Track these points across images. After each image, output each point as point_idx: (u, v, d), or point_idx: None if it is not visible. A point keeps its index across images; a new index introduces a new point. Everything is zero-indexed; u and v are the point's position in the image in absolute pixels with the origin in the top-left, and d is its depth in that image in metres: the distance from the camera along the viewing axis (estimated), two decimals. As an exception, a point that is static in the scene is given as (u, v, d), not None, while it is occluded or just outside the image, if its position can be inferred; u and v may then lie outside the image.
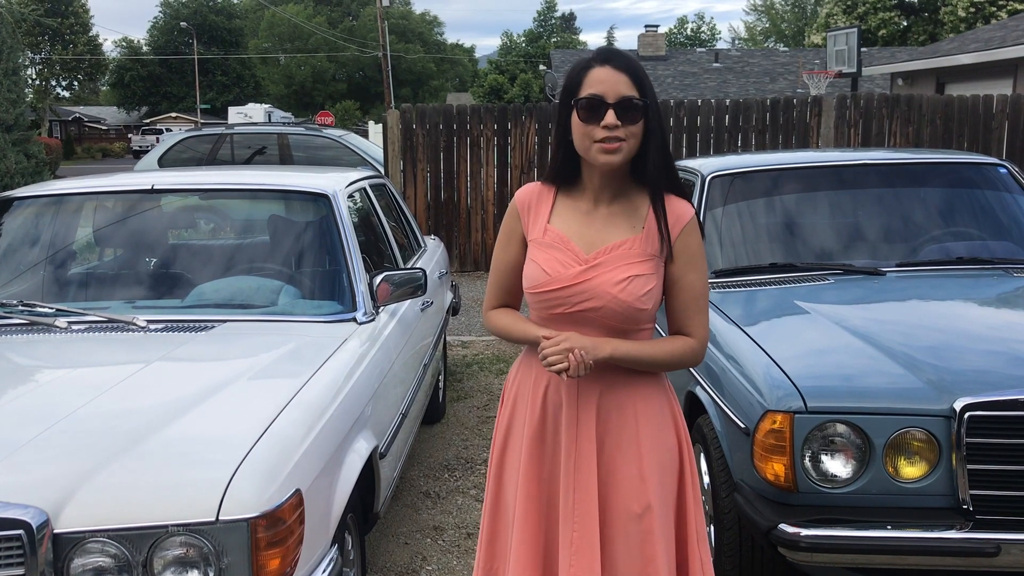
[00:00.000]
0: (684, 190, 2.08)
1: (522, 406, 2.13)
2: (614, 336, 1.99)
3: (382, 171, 9.86)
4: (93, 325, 3.06)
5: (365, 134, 20.54)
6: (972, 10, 30.35)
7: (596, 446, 2.02)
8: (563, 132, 2.02)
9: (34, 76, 48.56)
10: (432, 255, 5.13)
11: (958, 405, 2.51)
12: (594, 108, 1.92)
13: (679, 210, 2.03)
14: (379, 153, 10.87)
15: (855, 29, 19.47)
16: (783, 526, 2.56)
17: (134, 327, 3.02)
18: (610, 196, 2.03)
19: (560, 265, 2.00)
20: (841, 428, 2.57)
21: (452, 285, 5.71)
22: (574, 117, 1.96)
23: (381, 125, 10.77)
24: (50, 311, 3.13)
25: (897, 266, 3.68)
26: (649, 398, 2.05)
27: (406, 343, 3.62)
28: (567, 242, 2.02)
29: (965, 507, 2.52)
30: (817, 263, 3.73)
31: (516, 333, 2.11)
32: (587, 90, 1.94)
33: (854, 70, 18.87)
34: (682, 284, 2.02)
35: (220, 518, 1.96)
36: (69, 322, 3.05)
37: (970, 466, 2.51)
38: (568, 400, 2.04)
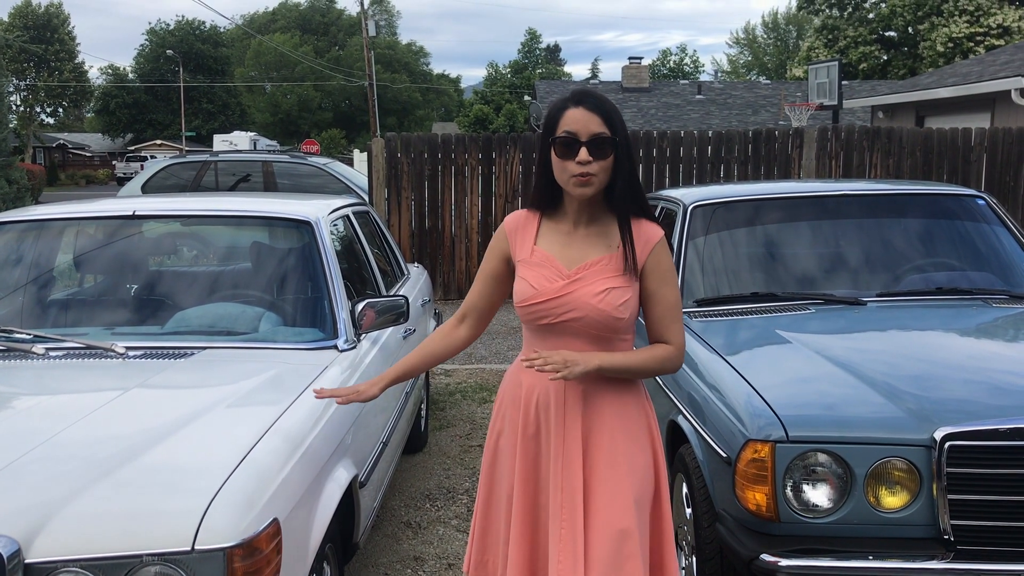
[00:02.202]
0: (652, 213, 2.28)
1: (513, 410, 2.30)
2: (597, 346, 2.19)
3: (367, 199, 9.86)
4: (71, 351, 3.03)
5: (350, 162, 20.54)
6: (951, 45, 30.81)
7: (582, 448, 2.19)
8: (544, 165, 2.22)
9: (18, 102, 48.48)
10: (415, 283, 5.12)
11: (939, 435, 2.52)
12: (569, 145, 2.14)
13: (648, 232, 2.23)
14: (364, 181, 10.89)
15: (836, 62, 19.72)
16: (764, 556, 2.55)
17: (112, 354, 2.99)
18: (587, 220, 2.25)
19: (545, 280, 2.21)
20: (823, 457, 2.57)
21: (435, 313, 5.70)
22: (552, 153, 2.18)
23: (366, 153, 10.79)
24: (27, 337, 3.10)
25: (878, 296, 3.70)
26: (627, 411, 2.23)
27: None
28: (552, 260, 2.23)
29: (946, 537, 2.52)
30: (798, 293, 3.74)
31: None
32: (563, 128, 2.15)
33: (835, 103, 19.09)
34: (657, 298, 2.23)
35: (196, 547, 1.93)
36: (47, 348, 3.02)
37: (951, 496, 2.51)
38: (556, 406, 2.21)
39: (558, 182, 2.19)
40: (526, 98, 47.04)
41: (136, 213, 3.68)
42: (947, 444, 2.50)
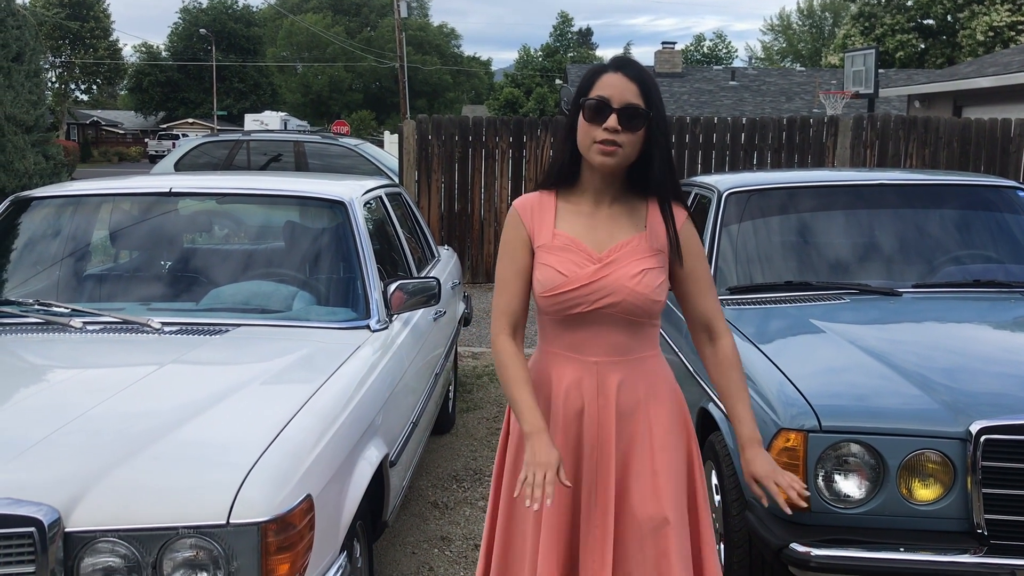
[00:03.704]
0: (684, 198, 2.19)
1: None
2: (630, 332, 2.08)
3: (397, 181, 9.88)
4: (108, 326, 3.07)
5: (381, 144, 20.59)
6: (991, 34, 30.30)
7: (615, 445, 2.09)
8: (571, 130, 2.08)
9: (54, 79, 48.97)
10: (446, 265, 5.13)
11: (974, 428, 2.49)
12: (599, 110, 2.00)
13: (680, 215, 2.14)
14: (394, 163, 10.90)
15: (873, 50, 19.45)
16: (794, 545, 2.54)
17: (148, 329, 3.03)
18: (611, 198, 2.11)
19: (575, 265, 2.06)
20: (855, 448, 2.55)
21: (464, 296, 5.71)
22: (580, 115, 2.04)
23: (397, 135, 10.80)
24: (65, 311, 3.14)
25: (914, 287, 3.66)
26: (661, 401, 2.13)
27: (418, 352, 3.61)
28: (578, 243, 2.08)
29: (980, 531, 2.50)
30: (833, 282, 3.71)
31: (511, 391, 2.05)
32: (596, 92, 2.02)
33: (871, 91, 18.84)
34: (695, 275, 2.15)
35: (231, 521, 1.96)
36: (84, 322, 3.06)
37: (985, 490, 2.48)
38: (589, 401, 2.09)
39: (580, 149, 2.05)
40: (557, 82, 46.84)
41: (172, 190, 3.71)
42: (983, 438, 2.48)
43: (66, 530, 1.93)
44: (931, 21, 34.91)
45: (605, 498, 2.09)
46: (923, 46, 35.23)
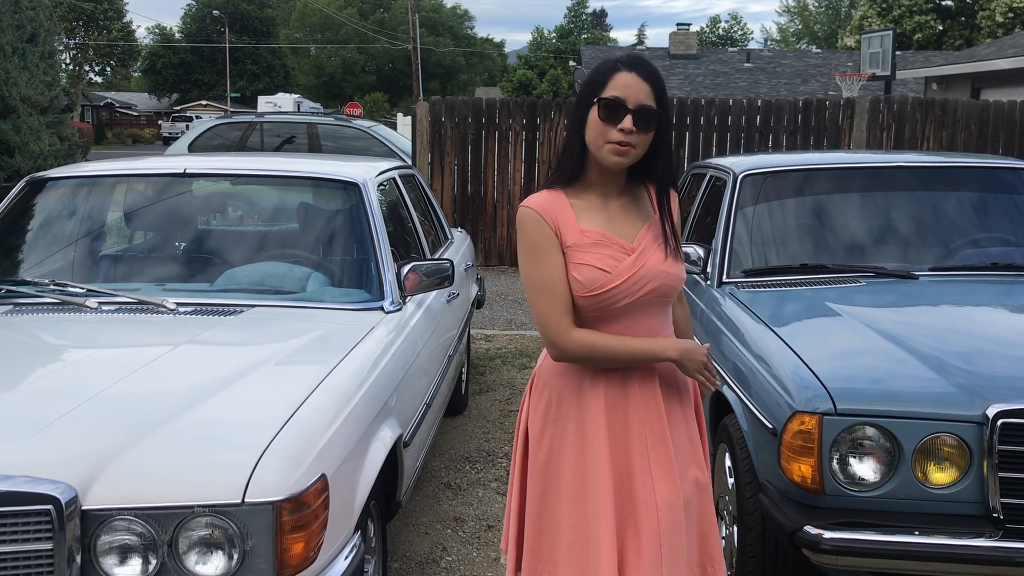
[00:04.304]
0: (677, 186, 2.30)
1: (578, 408, 2.11)
2: (662, 314, 2.15)
3: (410, 163, 9.87)
4: (123, 306, 3.08)
5: (394, 126, 20.56)
6: (1011, 15, 29.94)
7: (666, 423, 2.12)
8: (579, 126, 2.08)
9: (68, 61, 49.06)
10: (459, 247, 5.12)
11: (991, 412, 2.47)
12: (614, 110, 2.01)
13: (674, 199, 2.20)
14: (407, 145, 10.88)
15: (890, 32, 19.28)
16: (808, 528, 2.53)
17: (163, 309, 3.04)
18: (618, 190, 2.15)
19: (614, 260, 2.06)
20: (871, 431, 2.54)
21: (478, 278, 5.71)
22: (592, 113, 2.04)
23: (410, 117, 10.78)
24: (81, 291, 3.15)
25: (930, 270, 3.63)
26: (678, 382, 2.20)
27: (432, 334, 3.62)
28: (609, 237, 2.09)
29: (995, 515, 2.48)
30: (849, 265, 3.68)
31: (623, 348, 2.06)
32: (611, 91, 2.02)
33: (888, 73, 18.68)
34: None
35: (246, 500, 1.97)
36: (99, 302, 3.07)
37: (1002, 474, 2.47)
38: (633, 388, 2.10)
39: (590, 147, 2.05)
40: (571, 64, 46.64)
41: (187, 171, 3.71)
42: (999, 421, 2.46)
43: (83, 508, 1.95)
44: (949, 2, 34.55)
45: (666, 470, 2.08)
46: (941, 27, 34.85)
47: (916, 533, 2.48)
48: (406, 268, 3.34)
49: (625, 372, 2.10)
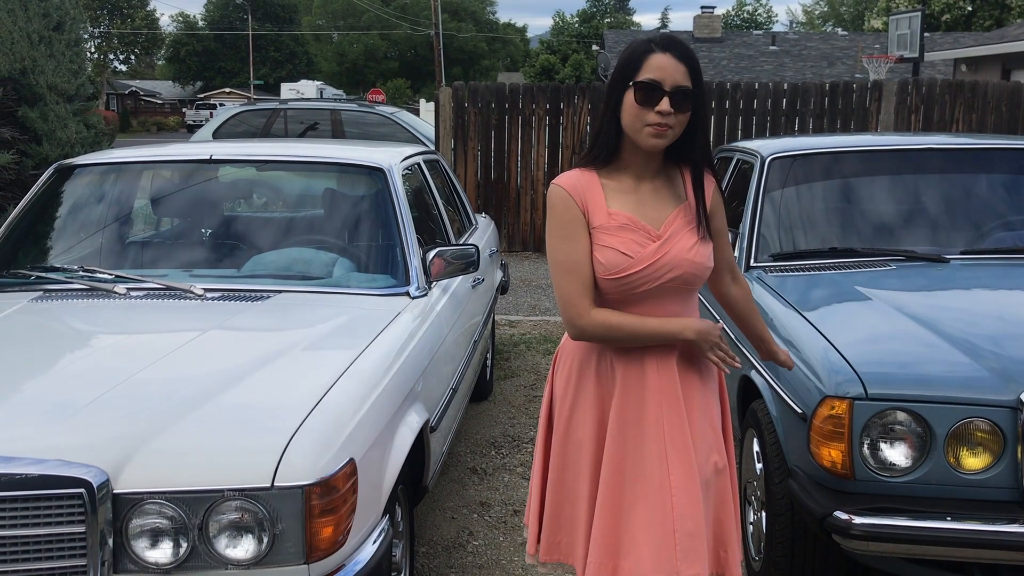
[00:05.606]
0: (714, 165, 2.23)
1: (596, 384, 2.14)
2: (685, 300, 2.12)
3: (433, 149, 9.86)
4: (151, 292, 3.10)
5: (416, 112, 20.55)
6: (1041, -5, 29.44)
7: (684, 409, 2.10)
8: (614, 109, 2.05)
9: (93, 49, 49.42)
10: (483, 233, 5.12)
11: (1025, 396, 2.44)
12: (651, 93, 1.99)
13: (710, 182, 2.17)
14: (430, 131, 10.87)
15: (918, 13, 18.99)
16: (838, 513, 2.51)
17: (191, 295, 3.05)
18: (652, 173, 2.12)
19: (637, 245, 2.04)
20: (902, 416, 2.51)
21: (502, 264, 5.70)
22: (628, 96, 2.02)
23: (433, 103, 10.76)
24: (109, 277, 3.17)
25: (961, 253, 3.59)
26: (700, 364, 2.16)
27: (457, 319, 3.61)
28: (636, 221, 2.06)
29: (1029, 501, 2.45)
30: (879, 249, 3.64)
31: (640, 328, 2.05)
32: (646, 74, 2.00)
33: (916, 55, 18.42)
34: (720, 231, 2.21)
35: (275, 484, 1.97)
36: (128, 289, 3.09)
37: (1036, 459, 2.44)
38: (651, 371, 2.09)
39: (627, 130, 2.03)
40: (594, 48, 46.34)
41: (213, 157, 3.72)
42: (1034, 406, 2.42)
43: (114, 491, 1.96)
44: (979, -18, 34.00)
45: (682, 457, 2.07)
46: (970, 8, 34.31)
47: (948, 519, 2.46)
48: (431, 253, 3.34)
49: (642, 352, 2.09)
